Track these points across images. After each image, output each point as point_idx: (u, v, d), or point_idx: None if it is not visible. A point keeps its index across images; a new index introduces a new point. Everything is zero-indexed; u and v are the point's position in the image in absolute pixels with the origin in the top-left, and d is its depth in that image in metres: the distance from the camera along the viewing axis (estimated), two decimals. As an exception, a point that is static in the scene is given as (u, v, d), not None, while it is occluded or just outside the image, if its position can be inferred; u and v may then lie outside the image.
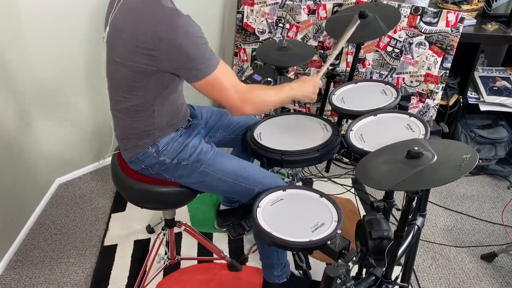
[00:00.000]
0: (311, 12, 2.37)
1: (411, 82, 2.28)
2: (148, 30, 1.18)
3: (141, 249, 1.97)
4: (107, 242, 2.00)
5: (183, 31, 1.18)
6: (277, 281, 1.70)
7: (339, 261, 1.18)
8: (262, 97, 1.40)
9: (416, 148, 1.08)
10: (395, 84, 1.82)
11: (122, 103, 1.36)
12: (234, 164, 1.49)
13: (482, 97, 2.33)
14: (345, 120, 2.17)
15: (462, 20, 2.09)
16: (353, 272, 1.59)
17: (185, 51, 1.19)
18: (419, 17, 2.16)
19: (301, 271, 1.85)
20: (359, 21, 1.72)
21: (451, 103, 2.35)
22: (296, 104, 2.28)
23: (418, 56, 2.22)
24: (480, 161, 2.47)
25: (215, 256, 1.89)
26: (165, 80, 1.29)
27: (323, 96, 2.31)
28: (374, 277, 1.24)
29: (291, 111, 1.83)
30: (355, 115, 1.55)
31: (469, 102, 2.36)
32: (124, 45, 1.24)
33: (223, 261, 1.88)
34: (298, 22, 2.41)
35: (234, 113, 1.37)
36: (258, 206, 1.35)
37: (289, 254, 1.84)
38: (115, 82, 1.35)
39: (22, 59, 1.93)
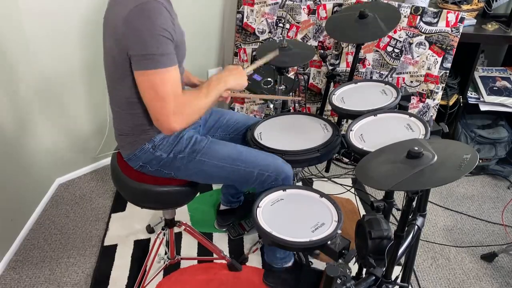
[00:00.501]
0: (311, 12, 2.37)
1: (411, 82, 2.28)
2: (118, 11, 1.19)
3: (141, 249, 1.97)
4: (107, 242, 2.00)
5: (145, 14, 1.16)
6: (280, 265, 1.70)
7: (339, 261, 1.18)
8: (194, 108, 1.28)
9: (416, 148, 1.08)
10: (395, 84, 1.82)
11: (116, 95, 1.37)
12: (229, 149, 1.48)
13: (482, 97, 2.33)
14: (345, 120, 2.17)
15: (462, 20, 2.09)
16: (353, 272, 1.59)
17: (139, 34, 1.16)
18: (419, 17, 2.16)
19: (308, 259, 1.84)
20: (277, 52, 1.70)
21: (451, 103, 2.35)
22: (297, 104, 2.29)
23: (418, 56, 2.22)
24: (480, 161, 2.47)
25: (215, 256, 1.89)
26: None
27: (323, 96, 2.31)
28: (374, 277, 1.24)
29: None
30: (355, 115, 1.55)
31: (469, 102, 2.36)
32: (107, 32, 1.27)
33: (223, 261, 1.88)
34: (298, 22, 2.41)
35: (163, 127, 1.26)
36: (258, 206, 1.35)
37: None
38: (108, 74, 1.36)
39: (21, 59, 1.93)
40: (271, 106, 1.92)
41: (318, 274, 1.77)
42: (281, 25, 2.44)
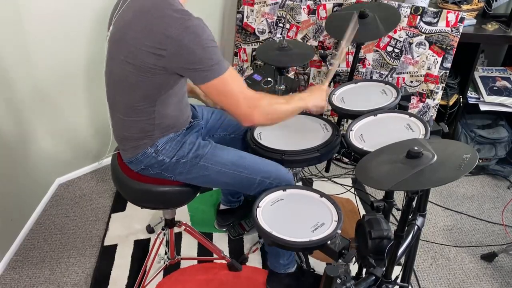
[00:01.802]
0: (311, 12, 2.37)
1: (411, 82, 2.28)
2: (157, 31, 1.19)
3: (141, 249, 1.97)
4: (107, 242, 2.00)
5: (191, 31, 1.18)
6: (283, 270, 1.70)
7: (339, 261, 1.18)
8: (273, 106, 1.38)
9: (416, 148, 1.08)
10: (395, 84, 1.82)
11: (121, 102, 1.36)
12: (232, 155, 1.49)
13: (482, 97, 2.33)
14: (345, 120, 2.17)
15: (462, 20, 2.09)
16: (353, 272, 1.59)
17: (192, 51, 1.19)
18: (419, 17, 2.16)
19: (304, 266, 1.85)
20: (356, 18, 1.67)
21: (451, 103, 2.35)
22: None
23: (418, 56, 2.22)
24: (480, 161, 2.47)
25: (215, 256, 1.89)
26: (169, 81, 1.29)
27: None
28: (374, 277, 1.24)
29: None
30: (355, 115, 1.55)
31: (469, 102, 2.36)
32: (131, 44, 1.25)
33: (223, 261, 1.88)
34: (298, 22, 2.41)
35: (244, 121, 1.34)
36: (258, 206, 1.35)
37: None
38: (116, 80, 1.35)
39: (22, 59, 1.93)
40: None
41: (319, 280, 1.77)
42: (281, 25, 2.44)
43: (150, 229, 2.05)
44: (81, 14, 2.03)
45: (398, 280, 1.43)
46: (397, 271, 1.43)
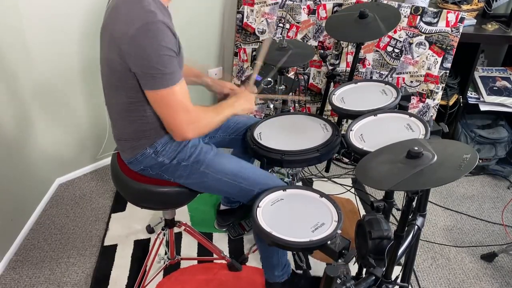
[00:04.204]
0: (311, 12, 2.37)
1: (411, 82, 2.28)
2: (122, 27, 1.19)
3: (141, 249, 1.97)
4: (107, 242, 2.00)
5: (151, 34, 1.16)
6: (278, 280, 1.71)
7: (339, 261, 1.18)
8: (206, 120, 1.36)
9: (416, 148, 1.08)
10: (395, 84, 1.82)
11: (113, 103, 1.37)
12: (233, 165, 1.49)
13: (482, 97, 2.33)
14: (345, 120, 2.17)
15: (462, 20, 2.09)
16: (353, 272, 1.59)
17: (147, 54, 1.17)
18: (419, 17, 2.16)
19: (301, 271, 1.85)
20: (271, 40, 1.72)
21: (451, 103, 2.35)
22: (297, 104, 2.29)
23: (418, 56, 2.22)
24: (480, 161, 2.47)
25: (215, 256, 1.89)
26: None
27: (323, 96, 2.31)
28: (374, 277, 1.24)
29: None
30: (355, 115, 1.55)
31: (469, 102, 2.36)
32: (105, 42, 1.27)
33: (223, 261, 1.88)
34: (298, 22, 2.41)
35: (178, 136, 1.32)
36: (258, 206, 1.35)
37: (289, 254, 1.85)
38: (105, 81, 1.36)
39: (21, 59, 1.93)
40: (271, 106, 1.92)
41: (317, 282, 1.78)
42: (281, 25, 2.44)
43: (150, 229, 2.05)
44: (80, 14, 2.03)
45: (398, 280, 1.43)
46: (397, 271, 1.43)
